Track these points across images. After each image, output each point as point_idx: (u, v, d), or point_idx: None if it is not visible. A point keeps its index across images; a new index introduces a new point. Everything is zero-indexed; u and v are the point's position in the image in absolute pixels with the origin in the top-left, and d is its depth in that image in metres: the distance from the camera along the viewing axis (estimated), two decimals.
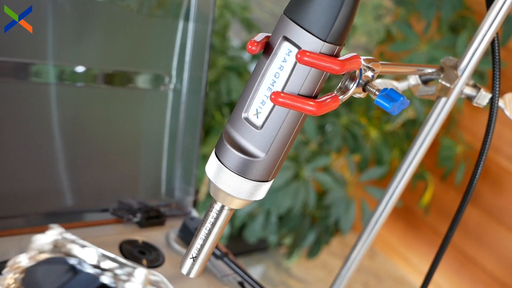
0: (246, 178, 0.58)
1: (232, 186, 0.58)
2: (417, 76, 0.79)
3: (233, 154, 0.57)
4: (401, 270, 2.45)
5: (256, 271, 2.17)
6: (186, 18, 0.99)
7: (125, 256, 0.88)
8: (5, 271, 0.70)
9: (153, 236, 0.95)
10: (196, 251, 0.63)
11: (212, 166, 0.59)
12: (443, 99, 0.78)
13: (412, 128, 2.06)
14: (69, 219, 0.93)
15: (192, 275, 0.63)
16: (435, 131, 0.80)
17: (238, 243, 2.11)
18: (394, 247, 2.50)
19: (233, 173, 0.57)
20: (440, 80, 0.76)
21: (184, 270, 0.63)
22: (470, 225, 2.22)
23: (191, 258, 0.63)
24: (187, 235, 0.96)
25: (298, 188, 1.86)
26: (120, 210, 0.97)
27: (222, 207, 0.61)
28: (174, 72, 1.01)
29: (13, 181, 0.89)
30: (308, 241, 2.02)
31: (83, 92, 0.94)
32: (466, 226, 2.22)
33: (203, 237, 0.62)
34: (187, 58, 1.01)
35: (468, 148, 2.08)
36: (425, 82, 0.79)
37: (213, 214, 0.61)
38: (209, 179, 0.60)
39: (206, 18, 0.99)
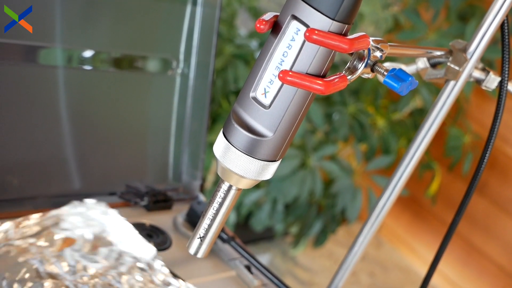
0: (253, 157, 0.58)
1: (240, 166, 0.58)
2: (425, 60, 0.78)
3: (241, 134, 0.57)
4: (407, 260, 2.45)
5: (262, 259, 2.17)
6: (194, 3, 0.99)
7: None
8: None
9: (160, 219, 0.96)
10: (203, 231, 0.63)
11: (220, 145, 0.59)
12: (452, 83, 0.77)
13: (420, 117, 2.05)
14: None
15: (199, 255, 0.64)
16: (443, 115, 0.79)
17: (245, 231, 2.12)
18: (401, 237, 2.50)
19: (240, 152, 0.58)
20: (448, 63, 0.76)
21: (192, 250, 0.64)
22: (477, 215, 2.22)
23: (198, 238, 0.63)
24: (194, 219, 0.96)
25: (305, 176, 1.86)
26: (127, 193, 0.97)
27: (230, 187, 0.61)
28: (181, 57, 1.01)
29: (21, 164, 0.90)
30: (314, 230, 2.02)
31: (91, 75, 0.94)
32: (473, 216, 2.21)
33: (211, 217, 0.62)
34: (195, 42, 1.01)
35: (476, 138, 2.07)
36: (433, 65, 0.79)
37: (220, 194, 0.62)
38: (216, 159, 0.60)
39: (213, 2, 0.99)
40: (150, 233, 0.91)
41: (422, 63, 0.79)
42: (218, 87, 1.82)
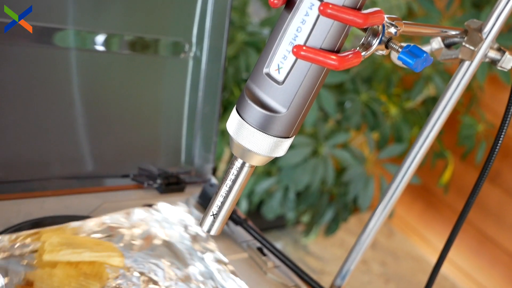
0: (267, 133, 0.57)
1: (253, 142, 0.58)
2: (439, 40, 0.78)
3: (254, 110, 0.57)
4: (419, 250, 2.44)
5: None
6: None
7: None
8: None
9: (173, 201, 0.96)
10: (216, 209, 0.63)
11: (233, 122, 0.59)
12: (466, 63, 0.77)
13: (433, 105, 2.03)
14: (90, 183, 0.93)
15: (212, 232, 0.64)
16: (458, 96, 0.79)
17: (256, 220, 2.12)
18: (413, 227, 2.49)
19: (254, 128, 0.57)
20: (464, 43, 0.75)
21: (205, 228, 0.64)
22: (490, 205, 2.20)
23: (211, 216, 0.63)
24: (206, 202, 0.97)
25: (317, 164, 1.85)
26: (140, 176, 0.98)
27: (243, 164, 0.61)
28: (194, 40, 1.01)
29: (35, 145, 0.90)
30: (326, 218, 2.02)
31: (104, 58, 0.94)
32: (486, 205, 2.20)
33: (224, 194, 0.62)
34: (207, 26, 1.01)
35: (489, 127, 2.06)
36: (448, 46, 0.78)
37: (233, 171, 0.61)
38: (230, 136, 0.60)
39: None
40: None
41: (436, 43, 0.78)
42: (230, 74, 1.82)
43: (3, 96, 0.86)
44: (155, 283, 0.77)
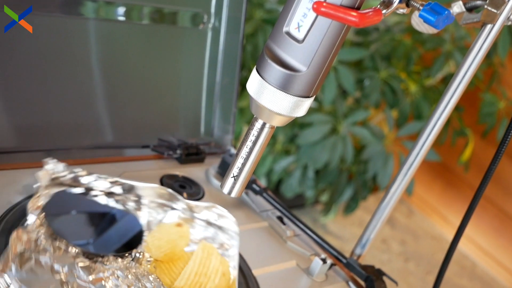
0: (287, 93, 0.57)
1: (274, 102, 0.58)
2: (461, 3, 0.77)
3: (275, 69, 0.57)
4: (439, 229, 2.43)
5: None
6: None
7: None
8: (29, 217, 0.71)
9: (192, 172, 0.97)
10: (237, 170, 0.63)
11: (254, 82, 0.59)
12: (488, 27, 0.76)
13: None
14: (110, 153, 0.94)
15: (233, 194, 0.64)
16: (480, 60, 0.78)
17: None
18: (433, 206, 2.48)
19: (274, 88, 0.57)
20: (486, 6, 0.74)
21: (226, 190, 0.64)
22: (511, 183, 2.18)
23: (232, 178, 0.63)
24: (226, 172, 0.97)
25: (336, 142, 1.85)
26: (160, 146, 0.98)
27: (264, 125, 0.61)
28: (212, 10, 1.01)
29: (56, 116, 0.91)
30: (345, 196, 2.01)
31: (124, 29, 0.95)
32: (507, 184, 2.18)
33: (244, 156, 0.62)
34: None
35: (511, 104, 2.03)
36: (469, 9, 0.77)
37: (254, 132, 0.61)
38: (250, 96, 0.60)
39: None
40: (183, 184, 0.92)
41: (458, 7, 0.77)
42: (248, 52, 1.82)
43: (25, 66, 0.87)
44: None
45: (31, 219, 0.70)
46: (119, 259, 0.71)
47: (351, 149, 1.86)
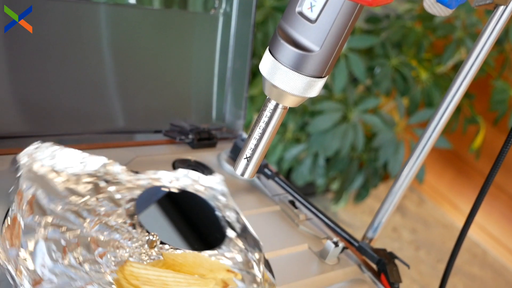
0: (300, 73, 0.57)
1: (287, 82, 0.58)
2: None
3: (288, 49, 0.57)
4: (450, 217, 2.43)
5: None
6: None
7: None
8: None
9: (204, 156, 0.97)
10: (250, 151, 0.63)
11: (267, 63, 0.59)
12: (501, 8, 0.75)
13: None
14: (123, 138, 0.95)
15: (246, 175, 0.64)
16: (492, 42, 0.77)
17: None
18: (444, 194, 2.47)
19: (287, 68, 0.57)
20: None
21: (239, 171, 0.64)
22: None
23: (245, 159, 0.64)
24: (237, 156, 0.97)
25: (346, 130, 1.85)
26: (172, 131, 0.99)
27: (276, 105, 0.61)
28: None
29: (68, 101, 0.91)
30: (355, 184, 2.01)
31: (136, 13, 0.95)
32: None
33: (257, 137, 0.62)
34: None
35: None
36: None
37: (266, 113, 0.62)
38: (262, 77, 0.60)
39: None
40: (195, 168, 0.93)
41: None
42: (259, 40, 1.82)
43: (37, 52, 0.87)
44: None
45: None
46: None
47: (362, 137, 1.86)
